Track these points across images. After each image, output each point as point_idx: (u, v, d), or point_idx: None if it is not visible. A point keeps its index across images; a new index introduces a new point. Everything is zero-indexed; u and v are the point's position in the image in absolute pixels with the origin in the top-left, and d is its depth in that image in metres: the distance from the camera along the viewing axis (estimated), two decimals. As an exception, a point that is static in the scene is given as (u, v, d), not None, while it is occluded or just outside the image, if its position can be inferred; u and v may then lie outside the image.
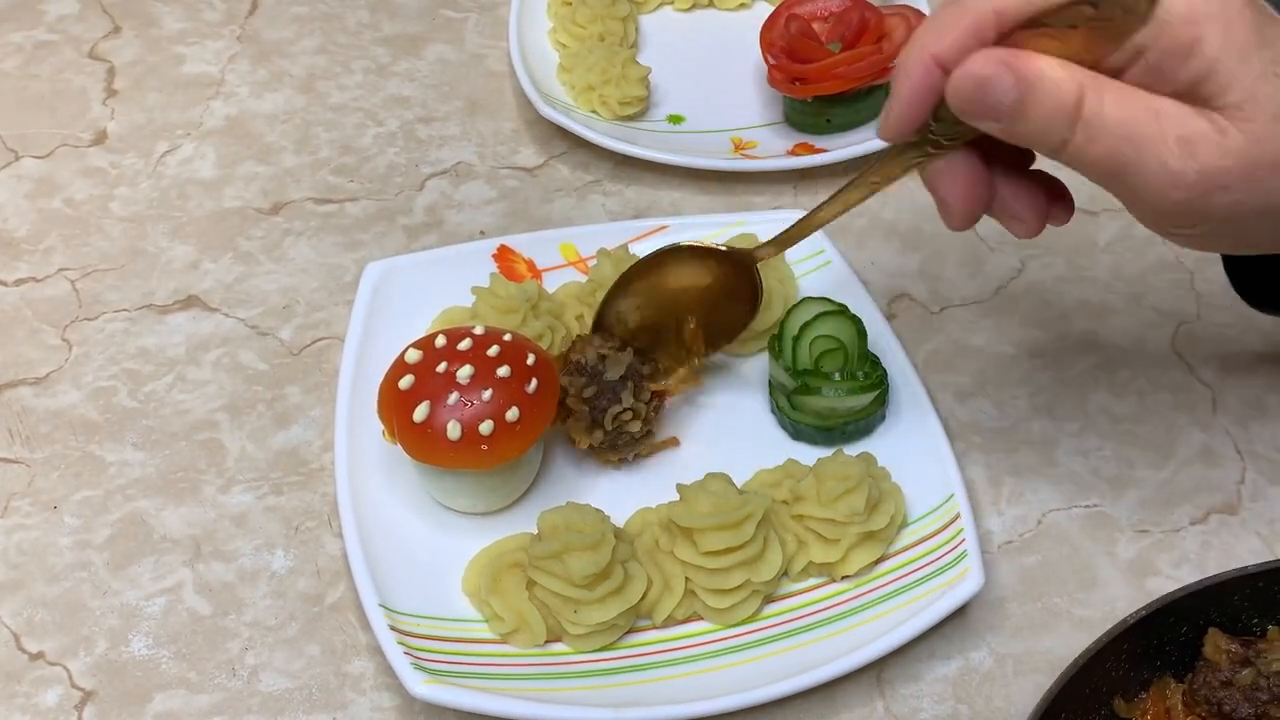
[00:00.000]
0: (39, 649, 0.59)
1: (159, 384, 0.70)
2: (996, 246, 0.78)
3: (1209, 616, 0.55)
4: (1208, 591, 0.54)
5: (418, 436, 0.59)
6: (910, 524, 0.62)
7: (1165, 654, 0.55)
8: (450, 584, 0.60)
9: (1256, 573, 0.55)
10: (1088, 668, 0.52)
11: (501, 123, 0.85)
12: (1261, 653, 0.54)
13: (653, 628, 0.59)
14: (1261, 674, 0.53)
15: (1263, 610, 0.56)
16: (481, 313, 0.68)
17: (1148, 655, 0.55)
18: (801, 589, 0.60)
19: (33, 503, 0.64)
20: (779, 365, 0.66)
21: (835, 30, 0.83)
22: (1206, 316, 0.74)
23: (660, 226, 0.74)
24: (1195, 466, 0.67)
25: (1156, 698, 0.55)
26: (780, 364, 0.66)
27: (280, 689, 0.58)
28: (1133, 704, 0.55)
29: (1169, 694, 0.55)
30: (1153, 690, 0.55)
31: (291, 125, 0.85)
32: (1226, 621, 0.55)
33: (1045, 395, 0.70)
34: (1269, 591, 0.55)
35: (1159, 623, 0.54)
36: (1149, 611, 0.53)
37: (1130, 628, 0.53)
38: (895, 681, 0.59)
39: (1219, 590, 0.55)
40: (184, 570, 0.62)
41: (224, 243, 0.77)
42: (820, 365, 0.66)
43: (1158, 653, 0.55)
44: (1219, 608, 0.55)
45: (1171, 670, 0.56)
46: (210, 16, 0.92)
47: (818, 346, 0.66)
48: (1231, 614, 0.55)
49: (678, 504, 0.59)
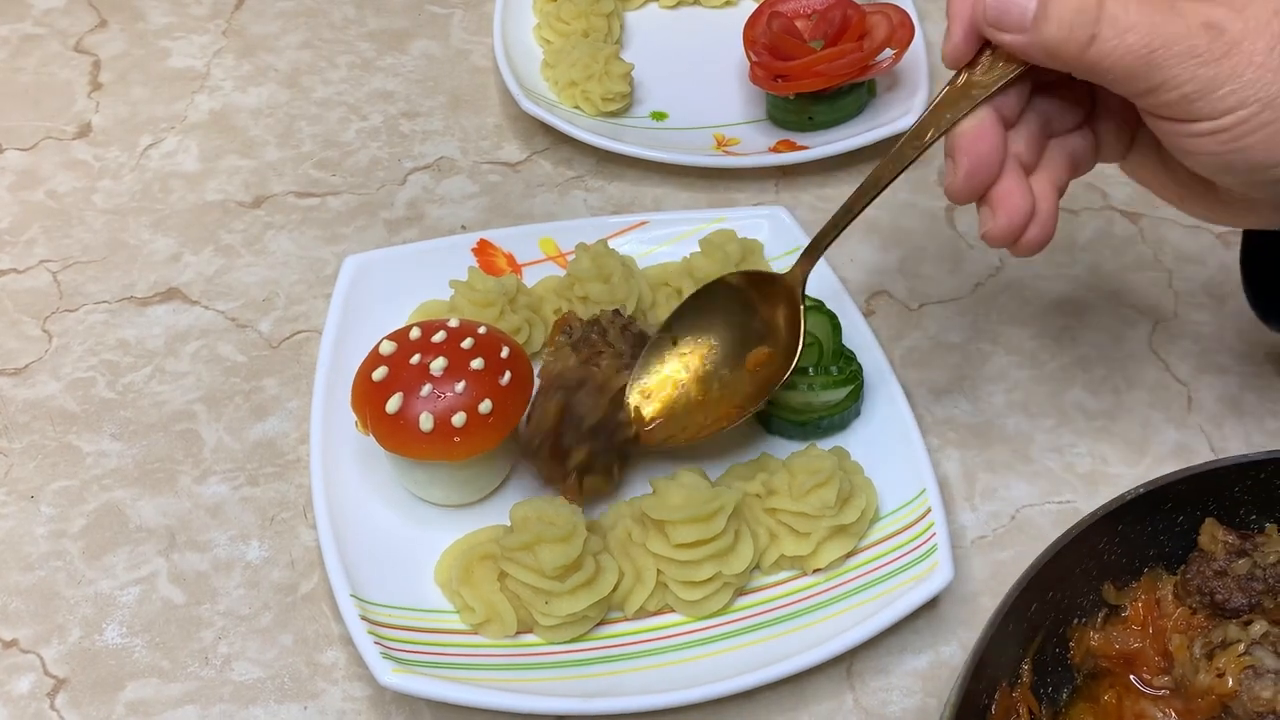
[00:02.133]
0: (12, 637, 0.59)
1: (138, 375, 0.70)
2: (975, 244, 0.78)
3: (1206, 507, 0.53)
4: (1207, 477, 0.52)
5: (390, 428, 0.59)
6: (882, 518, 0.62)
7: (1159, 543, 0.53)
8: (422, 575, 0.60)
9: (1260, 460, 0.53)
10: (1081, 539, 0.50)
11: (485, 118, 0.85)
12: (1259, 545, 0.52)
13: (624, 619, 0.59)
14: (1258, 565, 0.52)
15: (1262, 505, 0.54)
16: (459, 306, 0.68)
17: (1141, 542, 0.53)
18: (773, 582, 0.61)
19: (9, 492, 0.65)
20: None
21: (818, 28, 0.83)
22: (1183, 315, 0.75)
23: (640, 222, 0.74)
24: (1170, 464, 0.67)
25: (1147, 586, 0.53)
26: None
27: (252, 678, 0.58)
28: (1123, 591, 0.54)
29: (1160, 585, 0.54)
30: (1144, 579, 0.54)
31: (275, 119, 0.85)
32: (1224, 515, 0.53)
33: (1021, 392, 0.70)
34: (1270, 485, 0.53)
35: (1155, 506, 0.52)
36: (1146, 490, 0.51)
37: (1126, 504, 0.51)
38: (865, 674, 0.59)
39: (1218, 478, 0.52)
40: (159, 560, 0.62)
41: (205, 236, 0.77)
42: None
43: (1151, 540, 0.53)
44: (1217, 499, 0.53)
45: (1164, 563, 0.54)
46: (196, 11, 0.92)
47: (794, 342, 0.66)
48: (1230, 507, 0.53)
49: (650, 496, 0.60)
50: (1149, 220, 0.80)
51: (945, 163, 0.55)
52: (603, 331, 0.64)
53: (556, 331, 0.66)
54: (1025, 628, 0.51)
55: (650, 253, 0.74)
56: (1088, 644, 0.53)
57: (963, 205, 0.56)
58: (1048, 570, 0.50)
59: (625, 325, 0.64)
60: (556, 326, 0.66)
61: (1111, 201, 0.81)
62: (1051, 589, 0.51)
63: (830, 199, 0.81)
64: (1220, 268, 0.77)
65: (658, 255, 0.73)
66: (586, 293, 0.69)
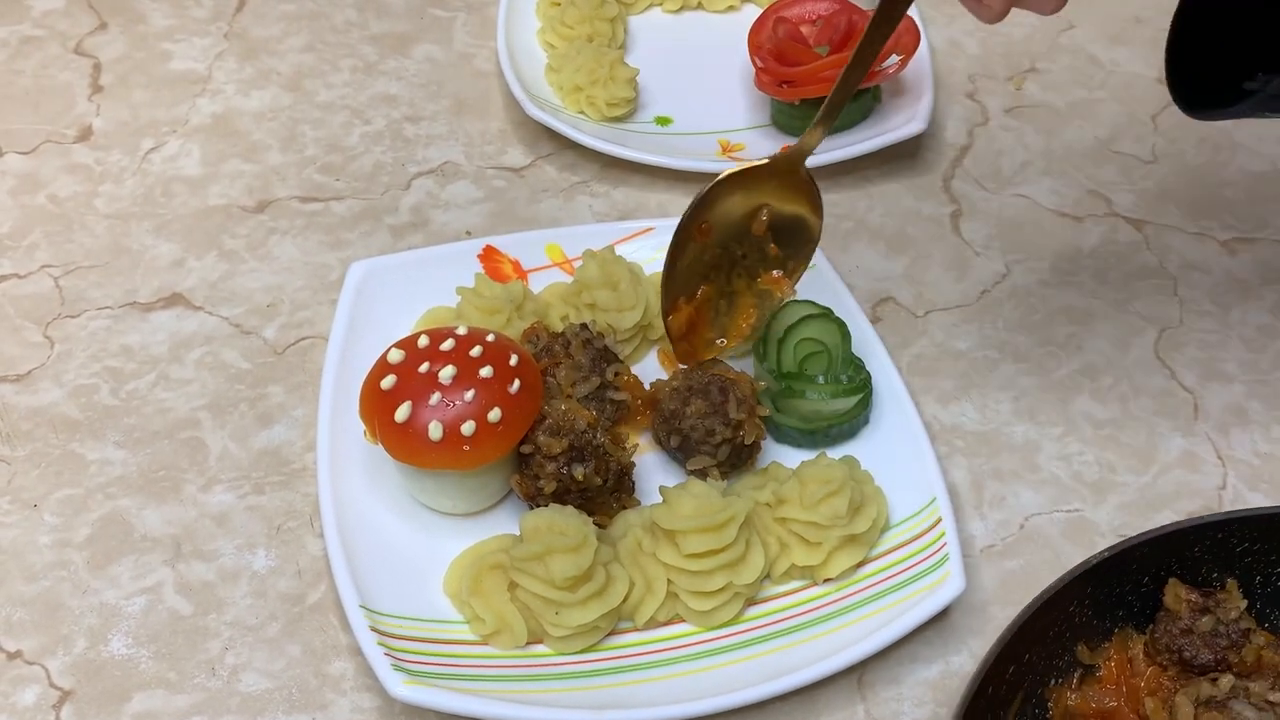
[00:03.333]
0: (17, 648, 0.59)
1: (141, 382, 0.69)
2: (982, 251, 0.78)
3: (1169, 567, 0.56)
4: (1168, 539, 0.55)
5: (399, 437, 0.59)
6: (892, 528, 0.62)
7: (1127, 604, 0.56)
8: (431, 585, 0.60)
9: (1217, 522, 0.55)
10: (1051, 603, 0.52)
11: (489, 123, 0.85)
12: (1221, 602, 0.55)
13: (634, 630, 0.59)
14: (1221, 621, 0.54)
15: (1222, 563, 0.56)
16: (466, 313, 0.68)
17: (1110, 603, 0.55)
18: (783, 592, 0.61)
19: (12, 501, 0.64)
20: (763, 368, 0.66)
21: (823, 33, 0.83)
22: (1189, 323, 0.75)
23: (646, 228, 0.74)
24: (1176, 472, 0.67)
25: (1119, 646, 0.56)
26: (765, 367, 0.66)
27: (260, 689, 0.58)
28: (1096, 651, 0.56)
29: (1131, 644, 0.56)
30: (1115, 638, 0.56)
31: (278, 123, 0.84)
32: (1187, 574, 0.56)
33: (1028, 400, 0.70)
34: (1228, 544, 0.56)
35: (1121, 569, 0.54)
36: (1111, 554, 0.54)
37: (1093, 568, 0.53)
38: (876, 684, 0.59)
39: (1179, 539, 0.55)
40: (164, 570, 0.62)
41: (208, 241, 0.77)
42: (804, 368, 0.66)
43: (1120, 601, 0.56)
44: (1179, 560, 0.56)
45: (1133, 622, 0.56)
46: (197, 13, 0.92)
47: (802, 349, 0.66)
48: (1191, 566, 0.56)
49: (660, 506, 0.59)
50: (1154, 228, 0.80)
51: None
52: (566, 344, 0.64)
53: (524, 341, 0.66)
54: (1004, 690, 0.52)
55: (656, 259, 0.73)
56: (1065, 704, 0.55)
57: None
58: (1022, 633, 0.51)
59: (588, 340, 0.65)
60: (524, 336, 0.66)
61: (1116, 209, 0.81)
62: (1028, 651, 0.52)
63: (835, 204, 0.81)
64: (1225, 275, 0.77)
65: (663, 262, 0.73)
66: (594, 300, 0.68)
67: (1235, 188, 0.83)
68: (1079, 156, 0.85)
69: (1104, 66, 0.90)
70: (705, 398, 0.62)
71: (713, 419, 0.62)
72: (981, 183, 0.83)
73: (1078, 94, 0.89)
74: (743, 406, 0.62)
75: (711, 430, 0.62)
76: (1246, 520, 0.55)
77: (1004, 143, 0.85)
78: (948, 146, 0.85)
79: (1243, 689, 0.52)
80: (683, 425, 0.62)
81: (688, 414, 0.62)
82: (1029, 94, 0.88)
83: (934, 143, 0.85)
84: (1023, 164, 0.84)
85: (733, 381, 0.63)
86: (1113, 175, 0.83)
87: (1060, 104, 0.88)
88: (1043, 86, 0.89)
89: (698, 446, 0.62)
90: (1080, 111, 0.87)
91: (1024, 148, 0.85)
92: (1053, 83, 0.89)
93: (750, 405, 0.63)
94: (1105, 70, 0.90)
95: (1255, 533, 0.55)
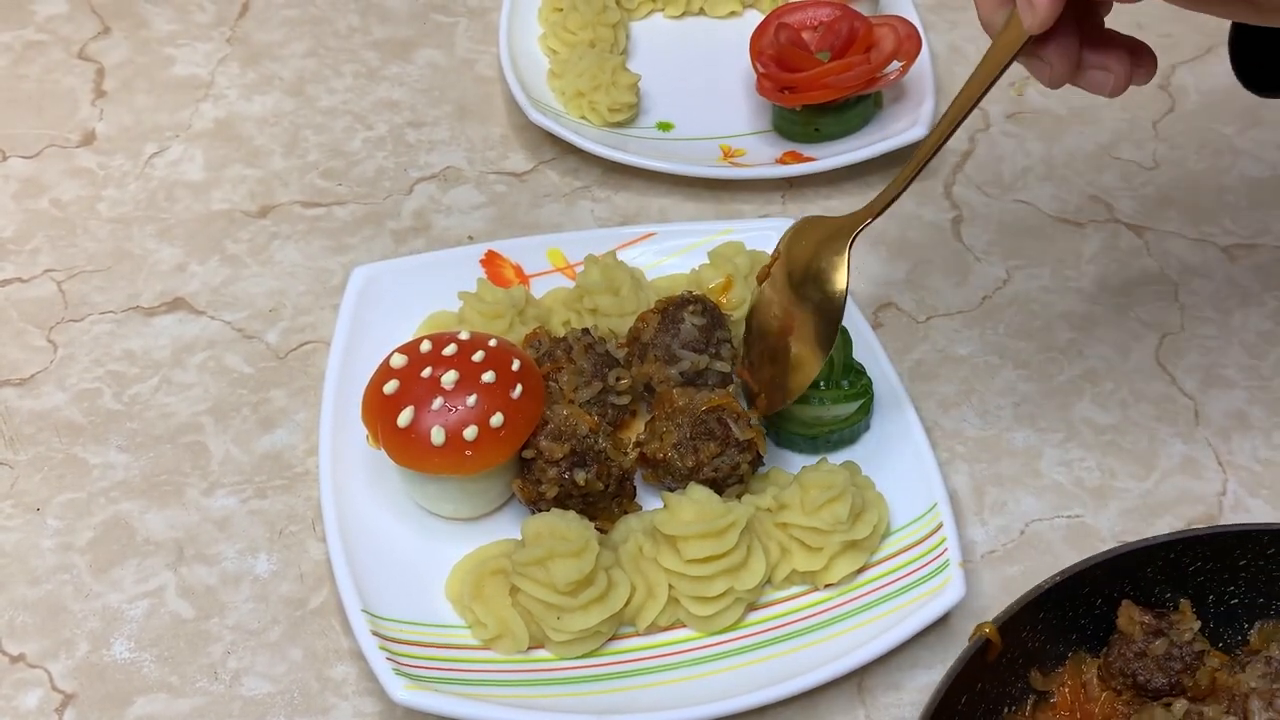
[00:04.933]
0: (20, 651, 0.59)
1: (144, 386, 0.70)
2: (982, 256, 0.78)
3: (1122, 589, 0.55)
4: (1120, 561, 0.55)
5: (402, 442, 0.59)
6: (893, 533, 0.62)
7: (1080, 627, 0.56)
8: (433, 589, 0.60)
9: (1168, 542, 0.55)
10: (1003, 629, 0.52)
11: (491, 128, 0.85)
12: (1174, 624, 0.54)
13: (636, 635, 0.59)
14: (1174, 643, 0.54)
15: (1175, 583, 0.56)
16: (468, 318, 0.68)
17: (1063, 628, 0.55)
18: (784, 597, 0.61)
19: (15, 504, 0.64)
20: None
21: (824, 40, 0.83)
22: (1190, 329, 0.75)
23: (648, 233, 0.74)
24: (1177, 478, 0.68)
25: (1072, 671, 0.56)
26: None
27: (262, 693, 0.58)
28: (1049, 676, 0.55)
29: (1084, 669, 0.56)
30: (1068, 663, 0.56)
31: (280, 128, 0.85)
32: (1140, 595, 0.56)
33: (1029, 405, 0.71)
34: (1180, 563, 0.55)
35: (1073, 592, 0.54)
36: (1063, 579, 0.54)
37: (1044, 593, 0.53)
38: (877, 690, 0.59)
39: (1131, 560, 0.55)
40: (166, 573, 0.62)
41: (211, 245, 0.77)
42: (806, 373, 0.66)
43: (1073, 625, 0.55)
44: (1132, 581, 0.55)
45: (1087, 646, 0.56)
46: (200, 18, 0.92)
47: (803, 355, 0.66)
48: (1145, 587, 0.56)
49: (661, 511, 0.59)
50: (1155, 233, 0.80)
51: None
52: (568, 349, 0.64)
53: (526, 346, 0.66)
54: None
55: (658, 264, 0.74)
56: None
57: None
58: (975, 661, 0.51)
59: (590, 345, 0.64)
60: (526, 341, 0.66)
61: (1117, 214, 0.81)
62: (980, 680, 0.52)
63: (837, 210, 0.81)
64: (1226, 281, 0.78)
65: (666, 267, 0.73)
66: (596, 305, 0.69)
67: (1236, 193, 0.83)
68: (1080, 162, 0.85)
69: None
70: (711, 438, 0.61)
71: (730, 453, 0.61)
72: (983, 188, 0.83)
73: (1079, 100, 0.89)
74: (740, 422, 0.62)
75: (735, 465, 0.61)
76: (1198, 540, 0.55)
77: (1005, 148, 0.85)
78: (949, 152, 0.85)
79: (1196, 714, 0.51)
80: (705, 473, 0.61)
81: (704, 461, 0.61)
82: (1030, 100, 0.89)
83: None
84: (1024, 170, 0.84)
85: (719, 406, 0.62)
86: (1114, 181, 0.83)
87: (1061, 110, 0.88)
88: (1044, 92, 0.89)
89: (725, 484, 0.61)
90: (1081, 117, 0.87)
91: (1025, 153, 0.85)
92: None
93: (746, 417, 0.62)
94: (1106, 76, 0.90)
95: (1207, 551, 0.55)
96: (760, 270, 0.66)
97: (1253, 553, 0.56)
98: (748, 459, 0.62)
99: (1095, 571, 0.54)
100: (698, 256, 0.73)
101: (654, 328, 0.65)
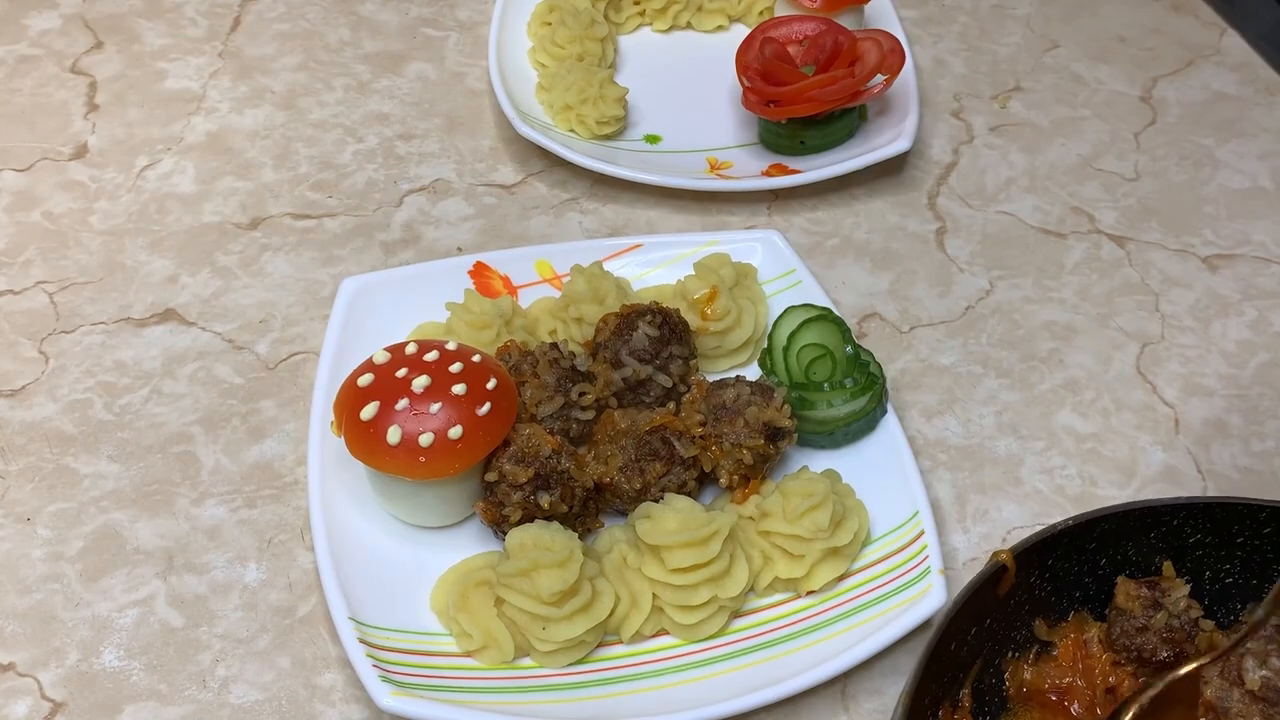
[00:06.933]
0: (9, 660, 0.59)
1: (135, 397, 0.70)
2: (965, 267, 0.79)
3: (1125, 552, 0.57)
4: (1128, 518, 0.56)
5: (360, 434, 0.60)
6: (875, 540, 0.63)
7: (1085, 585, 0.57)
8: (421, 598, 0.61)
9: (1172, 505, 0.56)
10: (1016, 562, 0.53)
11: (480, 140, 0.86)
12: (1167, 592, 0.56)
13: (620, 643, 0.60)
14: (1173, 615, 0.55)
15: (1175, 554, 0.57)
16: (455, 328, 0.69)
17: (1068, 582, 0.57)
18: (767, 604, 0.61)
19: (6, 514, 0.65)
20: (773, 380, 0.67)
21: (809, 54, 0.84)
22: (1170, 338, 0.76)
23: (635, 245, 0.75)
24: (1158, 485, 0.68)
25: (1075, 627, 0.57)
26: (774, 380, 0.67)
27: (250, 701, 0.58)
28: (1054, 628, 0.57)
29: (1086, 628, 0.57)
30: (1072, 619, 0.57)
31: (271, 141, 0.85)
32: (1141, 559, 0.57)
33: (1011, 414, 0.71)
34: (1181, 532, 0.57)
35: (1081, 544, 0.56)
36: (1075, 523, 0.55)
37: (1057, 534, 0.54)
38: (859, 695, 0.59)
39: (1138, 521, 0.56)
40: (156, 582, 0.62)
41: (202, 257, 0.78)
42: (811, 374, 0.67)
43: (1077, 582, 0.57)
44: (1135, 544, 0.57)
45: (1089, 606, 0.57)
46: (192, 33, 0.93)
47: (805, 355, 0.67)
48: (1145, 554, 0.57)
49: (645, 521, 0.60)
50: (1136, 244, 0.81)
51: None
52: (534, 363, 0.65)
53: (498, 358, 0.66)
54: (965, 652, 0.53)
55: (644, 275, 0.74)
56: (1021, 678, 0.56)
57: None
58: (986, 591, 0.52)
59: (555, 359, 0.65)
60: (498, 353, 0.67)
61: (1099, 225, 0.82)
62: (989, 615, 0.53)
63: (822, 222, 0.82)
64: (1206, 291, 0.78)
65: (653, 278, 0.74)
66: (581, 314, 0.69)
67: (1216, 204, 0.84)
68: (1062, 174, 0.86)
69: (1088, 85, 0.91)
70: (656, 457, 0.61)
71: (676, 471, 0.61)
72: (966, 200, 0.84)
73: (1061, 112, 0.90)
74: (684, 440, 0.62)
75: (683, 483, 0.62)
76: (1204, 507, 0.56)
77: (988, 160, 0.86)
78: (933, 164, 0.86)
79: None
80: (653, 493, 0.61)
81: (651, 482, 0.61)
82: (1013, 112, 0.90)
83: (919, 160, 0.86)
84: (1007, 181, 0.85)
85: (660, 426, 0.62)
86: (1095, 192, 0.85)
87: (1044, 122, 0.89)
88: (1027, 105, 0.90)
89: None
90: (1064, 129, 0.89)
91: (1008, 165, 0.86)
92: (1037, 101, 0.90)
93: (689, 434, 0.62)
94: (1089, 89, 0.91)
95: (1208, 523, 0.57)
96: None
97: (1250, 530, 0.56)
98: (694, 475, 0.62)
99: (1104, 524, 0.55)
100: (684, 268, 0.74)
101: (610, 331, 0.66)
